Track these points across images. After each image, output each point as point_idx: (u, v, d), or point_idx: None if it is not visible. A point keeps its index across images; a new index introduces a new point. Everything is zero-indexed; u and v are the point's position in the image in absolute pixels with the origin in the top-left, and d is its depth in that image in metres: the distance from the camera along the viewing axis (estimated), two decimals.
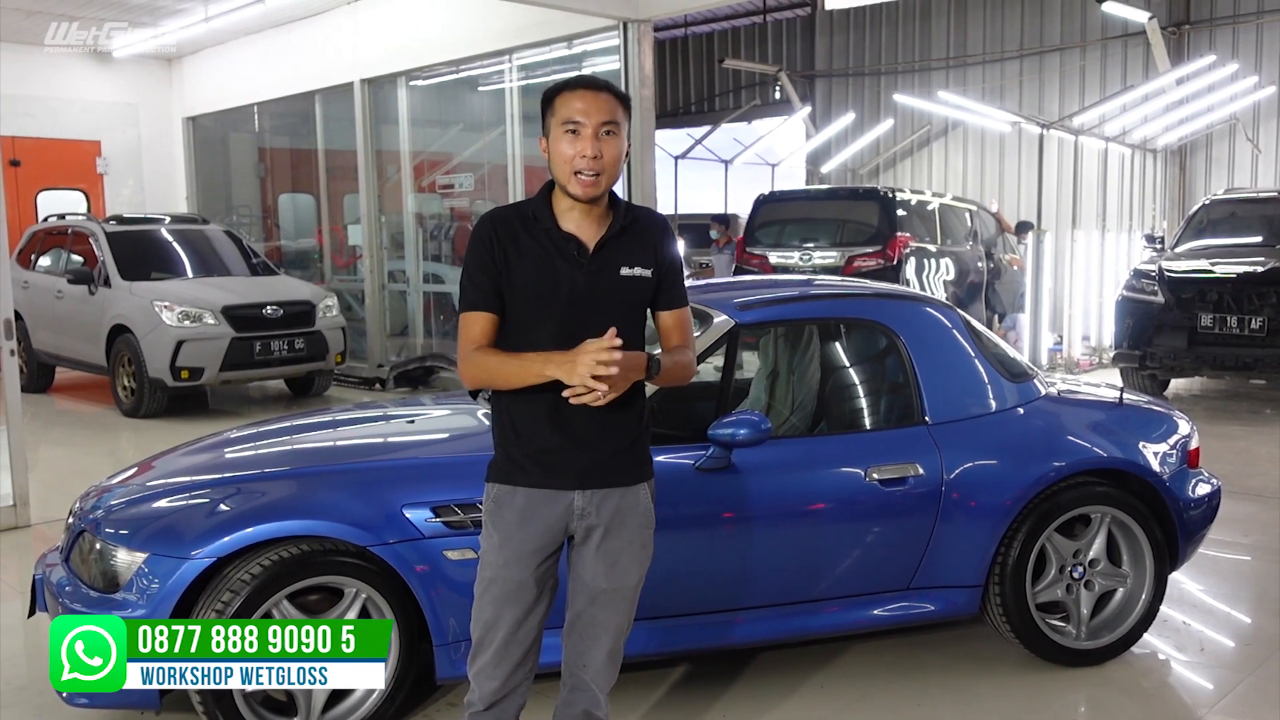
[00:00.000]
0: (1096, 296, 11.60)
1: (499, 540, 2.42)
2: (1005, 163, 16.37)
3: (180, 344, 8.42)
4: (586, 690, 2.54)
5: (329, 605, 3.13)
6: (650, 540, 2.52)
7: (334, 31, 10.98)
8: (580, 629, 2.52)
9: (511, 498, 2.42)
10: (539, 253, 2.37)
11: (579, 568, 2.48)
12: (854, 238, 10.52)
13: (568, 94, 2.35)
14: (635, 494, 2.47)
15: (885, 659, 3.84)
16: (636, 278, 2.42)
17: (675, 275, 2.52)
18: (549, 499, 2.41)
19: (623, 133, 2.37)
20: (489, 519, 2.46)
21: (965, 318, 3.98)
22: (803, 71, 18.90)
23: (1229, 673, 3.80)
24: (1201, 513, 3.93)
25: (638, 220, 2.46)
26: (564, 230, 2.39)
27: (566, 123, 2.33)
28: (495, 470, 2.47)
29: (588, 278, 2.37)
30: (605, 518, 2.43)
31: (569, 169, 2.33)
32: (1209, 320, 8.45)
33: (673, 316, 2.53)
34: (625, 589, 2.49)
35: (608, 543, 2.44)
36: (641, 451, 2.50)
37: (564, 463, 2.40)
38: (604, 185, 2.35)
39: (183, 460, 3.71)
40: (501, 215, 2.44)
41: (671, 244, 2.52)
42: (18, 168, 12.19)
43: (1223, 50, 14.28)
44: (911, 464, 3.52)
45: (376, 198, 10.92)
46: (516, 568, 2.41)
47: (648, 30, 8.54)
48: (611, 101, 2.35)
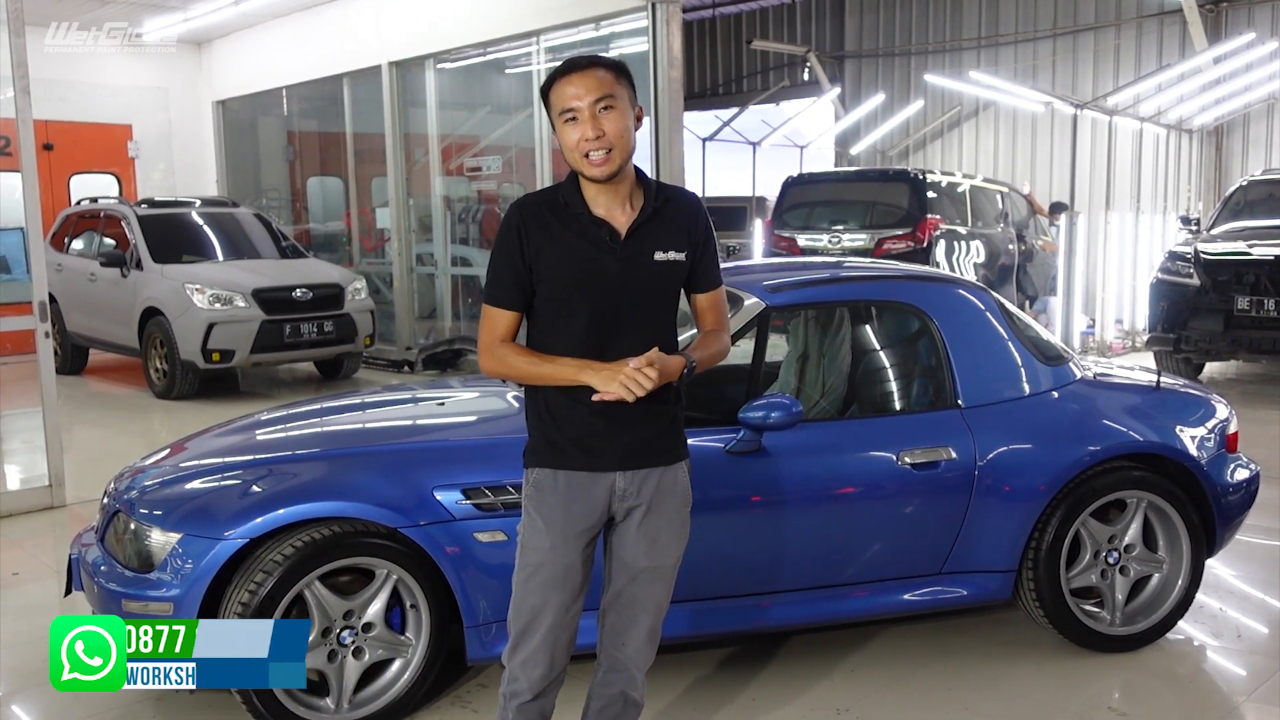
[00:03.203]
0: (1130, 279, 11.45)
1: (544, 525, 2.41)
2: (1037, 144, 16.19)
3: (211, 326, 8.48)
4: (624, 670, 2.54)
5: (360, 586, 3.15)
6: (688, 519, 2.53)
7: (362, 14, 10.98)
8: (619, 608, 2.51)
9: (554, 481, 2.41)
10: (571, 240, 2.35)
11: (619, 547, 2.48)
12: (883, 220, 10.45)
13: (559, 83, 2.33)
14: (674, 473, 2.47)
15: (917, 644, 3.82)
16: (670, 262, 2.40)
17: (710, 256, 2.50)
18: (591, 480, 2.40)
19: (622, 103, 2.32)
20: (530, 504, 2.44)
21: (999, 300, 3.93)
22: (832, 52, 18.73)
23: (1265, 659, 3.75)
24: (1240, 498, 3.87)
25: (670, 201, 2.43)
26: (595, 215, 2.36)
27: (564, 112, 2.31)
28: (534, 455, 2.46)
29: (621, 264, 2.35)
30: (647, 497, 2.43)
31: (578, 154, 2.31)
32: (1245, 303, 8.31)
33: (708, 299, 2.52)
34: (665, 567, 2.49)
35: (648, 521, 2.44)
36: (679, 431, 2.50)
37: (605, 445, 2.39)
38: (618, 160, 2.31)
39: (215, 442, 3.74)
40: (532, 203, 2.42)
41: (705, 224, 2.49)
42: (51, 151, 12.29)
43: (1261, 28, 14.03)
44: (944, 448, 3.49)
45: (404, 181, 10.93)
46: (564, 550, 2.40)
47: (676, 11, 8.46)
48: (603, 76, 2.31)
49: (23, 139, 5.68)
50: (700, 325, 2.54)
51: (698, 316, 2.54)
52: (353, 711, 3.15)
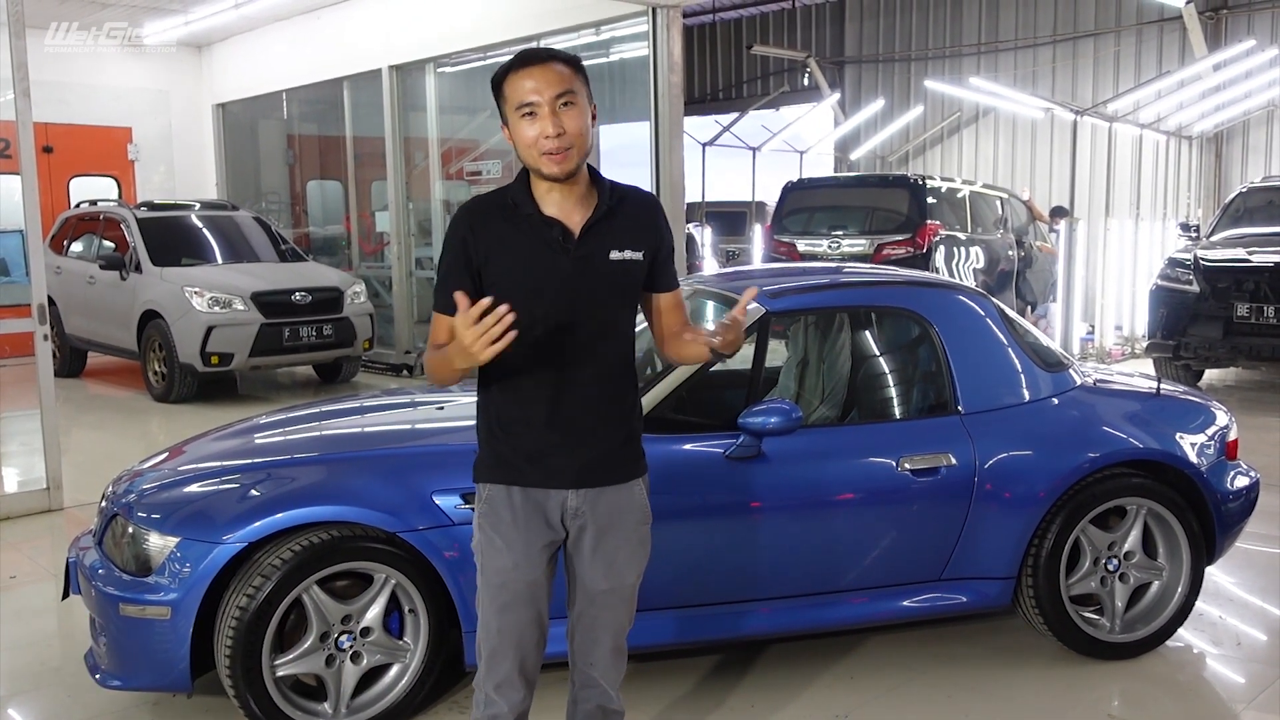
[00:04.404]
0: (1130, 285, 11.46)
1: (504, 544, 2.31)
2: (1037, 150, 16.21)
3: (210, 330, 8.48)
4: (596, 686, 2.48)
5: (359, 591, 3.14)
6: (648, 536, 2.43)
7: (363, 18, 10.99)
8: (582, 630, 2.43)
9: (508, 497, 2.31)
10: (522, 242, 2.25)
11: (577, 570, 2.38)
12: (883, 225, 10.45)
13: (514, 75, 2.21)
14: (630, 490, 2.38)
15: (916, 650, 3.81)
16: (626, 261, 2.29)
17: (670, 256, 2.40)
18: (546, 496, 2.31)
19: (581, 100, 2.21)
20: (485, 523, 2.34)
21: (999, 306, 3.92)
22: (832, 57, 18.77)
23: (1265, 667, 3.75)
24: (1239, 505, 3.86)
25: (625, 201, 2.33)
26: (546, 216, 2.26)
27: (520, 106, 2.19)
28: (484, 470, 2.36)
29: (575, 264, 2.24)
30: (599, 516, 2.34)
31: (535, 152, 2.20)
32: (1245, 310, 8.32)
33: (671, 299, 2.42)
34: (624, 587, 2.39)
35: (605, 543, 2.35)
36: (635, 447, 2.40)
37: (560, 461, 2.29)
38: (576, 158, 2.21)
39: (213, 445, 3.73)
40: (479, 206, 2.32)
41: (663, 223, 2.39)
42: (50, 154, 12.30)
43: (1261, 35, 14.06)
44: (944, 454, 3.49)
45: (404, 184, 10.94)
46: (527, 568, 2.30)
47: (676, 16, 8.48)
48: (562, 71, 2.20)
49: (23, 141, 5.68)
50: (667, 328, 2.44)
51: (661, 319, 2.43)
52: (350, 716, 3.14)
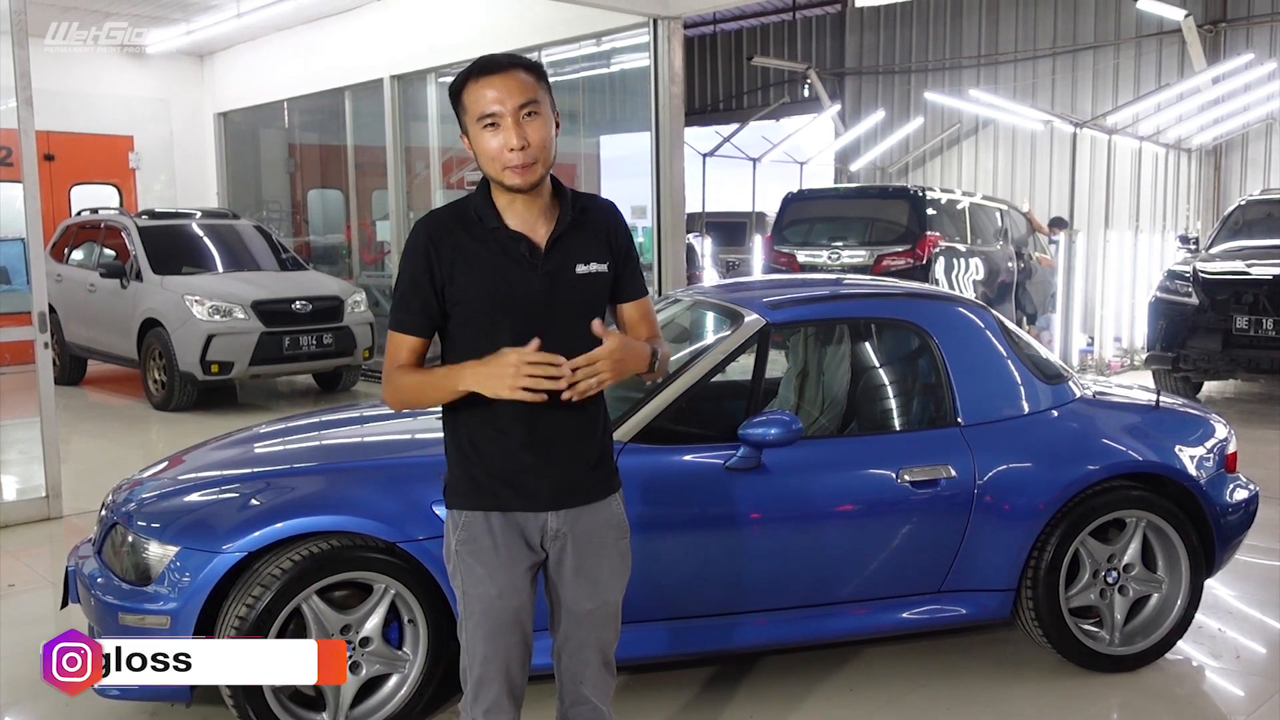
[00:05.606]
0: (1129, 298, 11.47)
1: (485, 572, 2.23)
2: (1037, 162, 16.25)
3: (210, 338, 8.49)
4: (588, 703, 2.43)
5: (358, 601, 3.14)
6: (628, 550, 2.37)
7: (364, 28, 11.03)
8: (570, 651, 2.37)
9: (486, 524, 2.23)
10: (486, 256, 2.17)
11: (560, 592, 2.32)
12: (883, 236, 10.48)
13: (474, 84, 2.13)
14: (607, 507, 2.32)
15: (915, 662, 3.81)
16: (593, 274, 2.23)
17: (634, 264, 2.35)
18: (524, 520, 2.25)
19: (545, 110, 2.14)
20: (464, 551, 2.24)
21: (999, 318, 3.93)
22: (832, 69, 18.82)
23: (1264, 681, 3.74)
24: (1239, 518, 3.87)
25: (587, 211, 2.27)
26: (511, 229, 2.19)
27: (482, 117, 2.12)
28: (457, 496, 2.26)
29: (544, 279, 2.18)
30: (579, 537, 2.28)
31: (498, 165, 2.13)
32: (1244, 322, 8.32)
33: (637, 308, 2.36)
34: (609, 605, 2.35)
35: (587, 564, 2.29)
36: (609, 463, 2.35)
37: (536, 483, 2.23)
38: (540, 170, 2.14)
39: (213, 455, 3.73)
40: (439, 219, 2.22)
41: (625, 231, 2.34)
42: (52, 162, 12.32)
43: (1260, 48, 14.11)
44: (944, 466, 3.49)
45: (405, 194, 10.96)
46: (511, 595, 2.24)
47: (678, 27, 8.51)
48: (525, 80, 2.12)
49: (24, 150, 5.70)
50: (634, 337, 2.32)
51: (630, 328, 2.35)
52: None
